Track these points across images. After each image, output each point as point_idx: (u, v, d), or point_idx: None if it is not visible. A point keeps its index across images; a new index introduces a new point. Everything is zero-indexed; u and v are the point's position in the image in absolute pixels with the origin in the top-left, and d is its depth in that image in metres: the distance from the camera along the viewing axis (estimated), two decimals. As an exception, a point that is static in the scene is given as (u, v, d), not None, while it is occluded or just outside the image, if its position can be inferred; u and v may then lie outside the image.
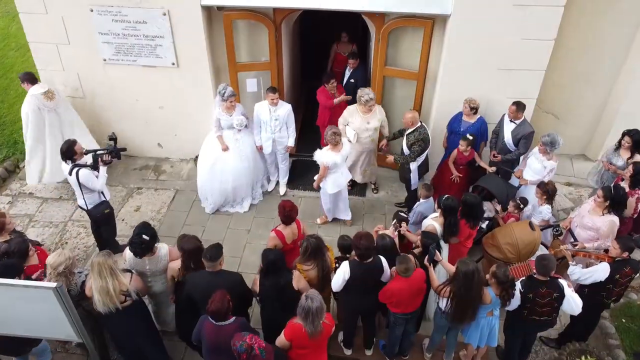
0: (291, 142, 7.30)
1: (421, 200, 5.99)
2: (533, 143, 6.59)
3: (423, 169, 6.81)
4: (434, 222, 5.24)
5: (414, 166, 6.60)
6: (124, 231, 7.04)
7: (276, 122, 7.00)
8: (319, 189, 6.79)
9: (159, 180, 7.87)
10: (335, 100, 7.21)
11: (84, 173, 5.65)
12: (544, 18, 6.14)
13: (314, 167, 8.11)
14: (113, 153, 5.81)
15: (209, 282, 4.47)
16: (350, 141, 6.59)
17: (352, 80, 7.48)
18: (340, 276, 4.54)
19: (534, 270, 4.66)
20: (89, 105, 7.71)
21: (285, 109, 7.01)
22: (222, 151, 6.96)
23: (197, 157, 7.51)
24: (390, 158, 6.72)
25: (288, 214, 5.21)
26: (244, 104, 7.52)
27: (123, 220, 7.24)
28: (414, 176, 6.71)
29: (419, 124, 6.43)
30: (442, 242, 5.24)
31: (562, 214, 7.39)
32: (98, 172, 5.80)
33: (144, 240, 4.71)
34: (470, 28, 6.31)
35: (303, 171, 8.09)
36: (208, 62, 7.05)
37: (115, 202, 7.49)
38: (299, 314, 4.01)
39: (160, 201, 7.56)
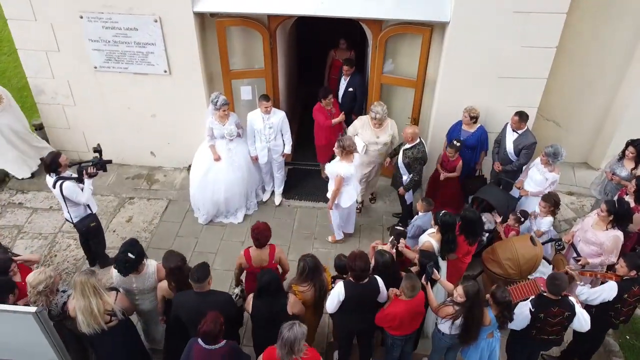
0: (288, 149, 7.14)
1: (420, 214, 5.81)
2: (535, 153, 6.41)
3: (417, 185, 6.61)
4: (430, 238, 5.06)
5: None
6: (115, 243, 6.87)
7: (270, 130, 6.83)
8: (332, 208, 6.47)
9: (151, 190, 7.70)
10: (334, 121, 6.92)
11: (68, 186, 5.48)
12: (546, 25, 5.97)
13: (310, 176, 8.01)
14: (98, 165, 5.64)
15: (197, 303, 4.30)
16: (357, 152, 6.26)
17: (350, 89, 7.28)
18: (335, 297, 4.37)
19: (542, 288, 4.49)
20: (80, 113, 7.54)
21: (279, 117, 6.85)
22: (214, 161, 6.79)
23: (190, 166, 7.34)
24: (401, 190, 6.50)
25: (256, 237, 4.91)
26: (238, 113, 7.37)
27: (114, 231, 7.07)
28: (408, 195, 6.53)
29: (418, 140, 6.24)
30: (439, 259, 5.06)
31: (564, 225, 7.23)
32: (83, 184, 5.62)
33: (129, 259, 4.53)
34: (470, 35, 6.14)
35: (299, 180, 7.92)
36: (201, 69, 6.88)
37: (106, 212, 7.33)
38: (278, 338, 3.84)
39: (152, 211, 7.38)
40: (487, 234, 6.15)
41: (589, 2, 6.50)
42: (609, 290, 4.70)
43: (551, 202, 5.68)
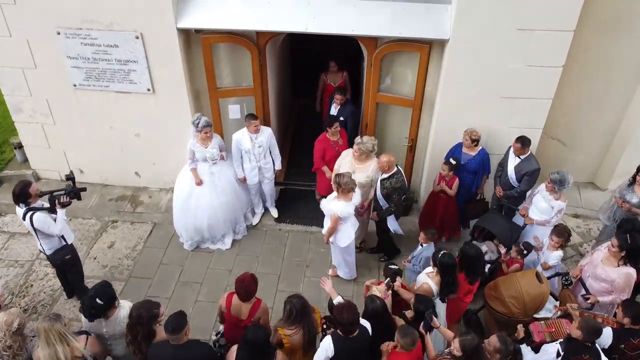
0: (278, 164, 6.81)
1: (424, 245, 5.44)
2: (540, 178, 6.04)
3: (401, 210, 6.19)
4: (429, 279, 4.67)
5: (391, 219, 5.99)
6: (95, 271, 6.52)
7: (260, 148, 6.48)
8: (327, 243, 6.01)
9: (135, 213, 7.31)
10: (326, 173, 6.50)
11: (39, 217, 5.11)
12: (552, 43, 5.60)
13: (304, 197, 7.63)
14: (72, 194, 5.26)
15: (174, 357, 3.91)
16: (354, 191, 5.63)
17: (341, 118, 6.84)
18: (323, 353, 3.98)
19: (567, 330, 4.21)
20: (60, 132, 7.16)
21: (266, 134, 6.51)
22: (196, 185, 6.43)
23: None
24: (374, 215, 6.07)
25: (239, 290, 4.38)
26: (226, 132, 7.01)
27: (95, 258, 6.69)
28: (392, 224, 6.07)
29: (395, 169, 5.73)
30: (439, 301, 4.68)
31: (570, 251, 6.85)
32: (56, 214, 5.24)
33: (96, 304, 4.15)
34: (471, 53, 5.77)
35: (291, 201, 7.55)
36: (186, 87, 6.50)
37: (87, 237, 6.97)
38: None
39: (136, 236, 7.00)
40: (489, 265, 5.78)
41: (597, 17, 6.12)
42: (603, 337, 4.31)
43: (564, 236, 5.32)
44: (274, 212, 7.23)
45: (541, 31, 5.51)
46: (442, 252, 4.61)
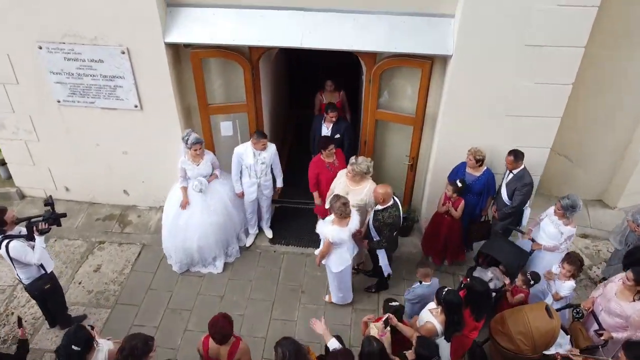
0: (280, 182, 6.51)
1: (423, 283, 5.10)
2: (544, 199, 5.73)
3: (392, 246, 5.76)
4: (432, 318, 4.35)
5: (381, 253, 5.63)
6: (80, 297, 6.21)
7: (263, 165, 6.17)
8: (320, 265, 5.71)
9: (123, 234, 6.99)
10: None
11: (15, 246, 4.80)
12: (562, 60, 5.28)
13: (300, 216, 7.31)
14: (50, 220, 4.94)
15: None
16: (349, 217, 5.28)
17: (337, 136, 6.46)
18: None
19: None
20: (45, 149, 6.85)
21: (270, 151, 6.20)
22: (183, 205, 6.14)
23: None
24: (365, 244, 5.72)
25: (214, 333, 4.07)
26: (218, 149, 6.70)
27: (80, 283, 6.37)
28: (382, 259, 5.70)
29: (391, 201, 5.35)
30: (442, 340, 4.36)
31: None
32: (34, 242, 4.93)
33: (72, 352, 3.83)
34: (475, 70, 5.45)
35: (287, 220, 7.22)
36: (176, 103, 6.18)
37: (72, 260, 6.64)
38: None
39: (124, 259, 6.68)
40: (494, 293, 5.45)
41: (607, 31, 5.79)
42: None
43: (577, 265, 4.99)
44: (269, 233, 6.92)
45: (550, 47, 5.19)
46: (446, 290, 4.29)
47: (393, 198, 5.40)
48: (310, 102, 7.85)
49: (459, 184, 5.82)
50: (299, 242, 6.88)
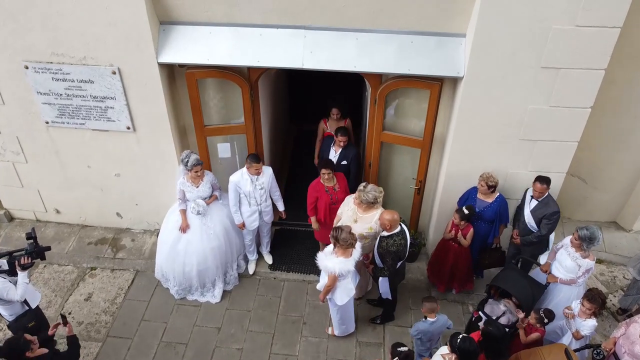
0: (281, 206, 6.18)
1: (429, 319, 4.79)
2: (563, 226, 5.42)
3: (398, 278, 5.44)
4: (445, 367, 4.04)
5: (383, 281, 5.29)
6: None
7: (262, 191, 5.86)
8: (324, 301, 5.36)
9: (116, 259, 6.66)
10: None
11: None
12: (580, 83, 4.95)
13: (301, 239, 6.98)
14: (33, 254, 4.62)
15: None
16: (355, 247, 5.00)
17: (343, 162, 6.14)
18: None
19: None
20: (34, 171, 6.54)
21: (267, 175, 5.89)
22: (182, 229, 5.85)
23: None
24: (370, 268, 5.42)
25: None
26: (215, 171, 6.37)
27: (70, 313, 6.05)
28: (382, 286, 5.34)
29: (399, 228, 5.03)
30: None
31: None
32: (17, 277, 4.62)
33: None
34: (488, 92, 5.13)
35: (287, 244, 6.90)
36: (170, 125, 5.85)
37: (62, 288, 6.33)
38: None
39: (116, 286, 6.36)
40: (507, 329, 5.14)
41: (624, 51, 5.45)
42: None
43: (598, 303, 4.67)
44: (268, 259, 6.60)
45: (568, 69, 4.87)
46: (460, 337, 3.97)
47: (401, 225, 5.08)
48: (311, 122, 7.52)
49: (466, 211, 5.51)
50: (300, 268, 6.57)
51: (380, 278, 5.30)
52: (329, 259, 4.89)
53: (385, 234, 5.00)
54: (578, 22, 4.58)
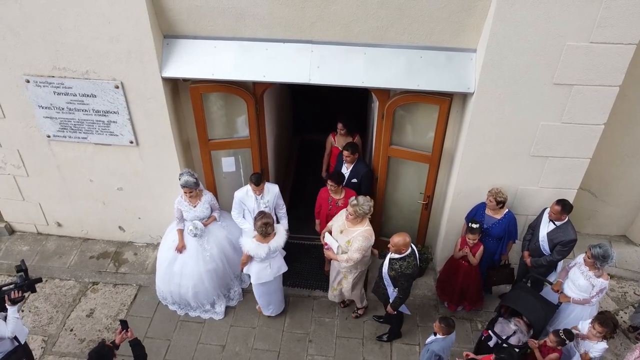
0: (285, 224, 6.02)
1: (438, 335, 4.69)
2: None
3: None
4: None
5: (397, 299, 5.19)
6: (71, 347, 5.79)
7: (266, 208, 5.75)
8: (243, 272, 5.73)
9: (118, 274, 6.56)
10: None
11: None
12: (593, 100, 4.85)
13: (307, 253, 6.88)
14: (24, 287, 4.47)
15: None
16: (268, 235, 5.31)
17: (354, 180, 5.99)
18: None
19: None
20: (35, 184, 6.44)
21: (273, 193, 5.80)
22: (178, 250, 5.77)
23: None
24: (389, 309, 5.26)
25: None
26: (219, 186, 6.29)
27: (71, 330, 5.95)
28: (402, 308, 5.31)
29: (409, 250, 4.94)
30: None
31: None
32: (6, 312, 4.48)
33: None
34: (498, 108, 5.03)
35: (292, 259, 6.72)
36: (174, 139, 5.75)
37: (64, 304, 6.23)
38: None
39: (119, 302, 6.26)
40: (517, 350, 5.04)
41: (637, 63, 5.36)
42: None
43: (610, 327, 4.56)
44: None
45: (581, 86, 4.76)
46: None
47: (411, 246, 4.98)
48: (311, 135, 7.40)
49: (474, 225, 5.40)
50: (306, 283, 6.47)
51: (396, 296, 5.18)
52: (247, 240, 5.29)
53: (396, 256, 4.89)
54: (592, 39, 4.48)
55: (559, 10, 4.37)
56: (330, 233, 5.43)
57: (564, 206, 5.12)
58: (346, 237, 5.22)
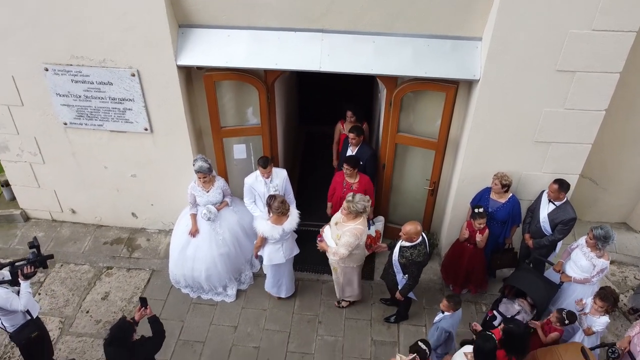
0: (294, 207, 6.18)
1: (445, 313, 4.87)
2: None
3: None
4: (466, 364, 4.11)
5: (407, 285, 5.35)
6: (87, 328, 5.96)
7: (276, 192, 5.91)
8: (258, 257, 6.08)
9: (132, 259, 6.74)
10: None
11: (0, 294, 4.53)
12: (595, 86, 5.02)
13: (313, 238, 6.91)
14: (36, 263, 4.64)
15: None
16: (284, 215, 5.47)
17: (359, 163, 6.17)
18: None
19: None
20: (50, 171, 6.61)
21: (281, 177, 5.96)
22: (192, 234, 5.95)
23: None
24: (398, 295, 5.41)
25: None
26: (230, 173, 6.46)
27: (87, 312, 6.13)
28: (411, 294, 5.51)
29: (420, 238, 5.09)
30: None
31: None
32: (19, 287, 4.65)
33: None
34: (503, 95, 5.20)
35: (300, 244, 6.85)
36: (187, 126, 5.93)
37: (79, 287, 6.41)
38: None
39: (132, 285, 6.44)
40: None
41: (638, 51, 5.53)
42: None
43: (610, 301, 4.74)
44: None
45: (583, 73, 4.93)
46: (484, 336, 4.03)
47: (422, 234, 5.15)
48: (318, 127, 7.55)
49: (479, 210, 5.55)
50: (314, 269, 6.64)
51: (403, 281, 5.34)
52: (261, 222, 5.43)
53: (407, 244, 5.07)
54: (595, 27, 4.64)
55: (562, -1, 4.54)
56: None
57: (561, 184, 5.30)
58: (337, 230, 5.35)
